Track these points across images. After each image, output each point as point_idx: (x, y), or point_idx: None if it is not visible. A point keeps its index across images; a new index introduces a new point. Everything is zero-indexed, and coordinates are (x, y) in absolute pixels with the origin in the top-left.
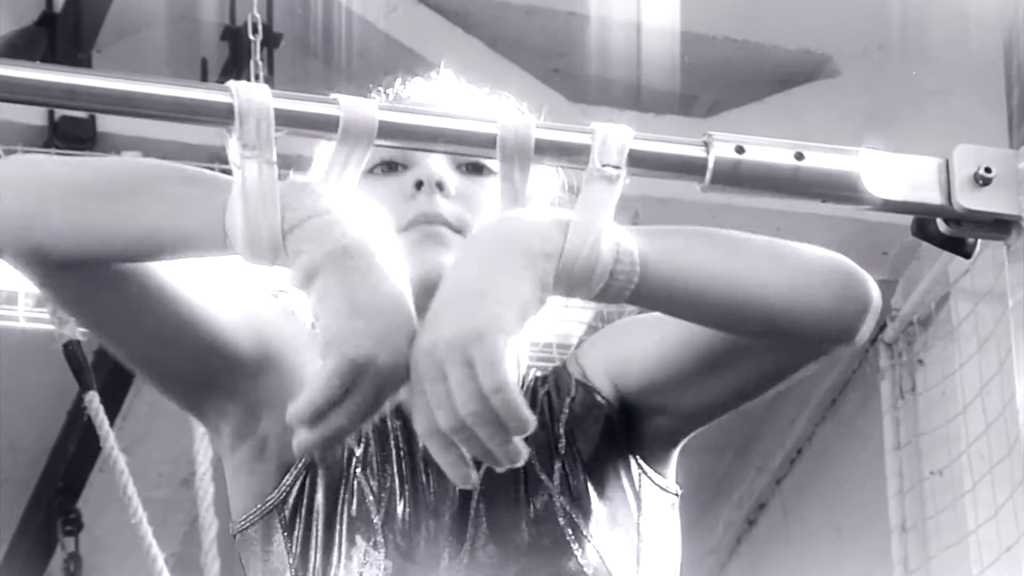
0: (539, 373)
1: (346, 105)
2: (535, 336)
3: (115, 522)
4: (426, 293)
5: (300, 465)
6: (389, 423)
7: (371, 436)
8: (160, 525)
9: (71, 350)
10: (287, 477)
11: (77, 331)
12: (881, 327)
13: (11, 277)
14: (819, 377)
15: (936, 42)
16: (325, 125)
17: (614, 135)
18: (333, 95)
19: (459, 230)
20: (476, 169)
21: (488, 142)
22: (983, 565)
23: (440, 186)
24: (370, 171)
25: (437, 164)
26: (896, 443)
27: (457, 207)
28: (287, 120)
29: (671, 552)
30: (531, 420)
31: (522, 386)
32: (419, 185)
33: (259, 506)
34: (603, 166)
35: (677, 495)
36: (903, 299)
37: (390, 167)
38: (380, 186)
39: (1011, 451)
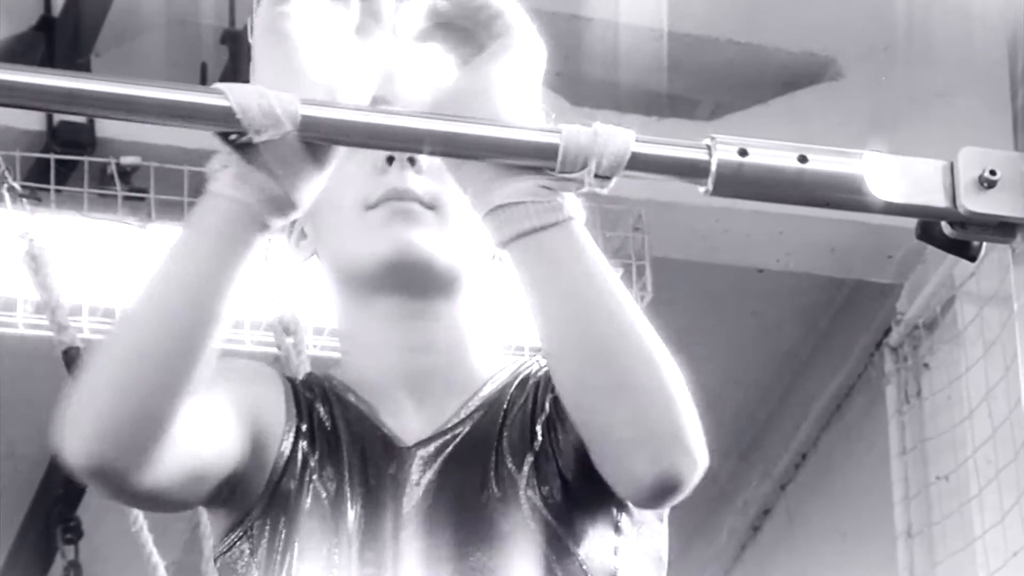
0: (537, 367)
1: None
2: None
3: (115, 530)
4: (397, 269)
5: (264, 491)
6: (341, 432)
7: (325, 445)
8: (161, 533)
9: (71, 356)
10: (255, 501)
11: (77, 338)
12: (886, 331)
13: (9, 283)
14: (824, 382)
15: (941, 44)
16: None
17: (615, 142)
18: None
19: (431, 206)
20: None
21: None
22: (990, 570)
23: (412, 161)
24: None
25: None
26: (902, 448)
27: (429, 182)
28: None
29: (655, 553)
30: None
31: (508, 374)
32: (390, 160)
33: (232, 534)
34: (596, 177)
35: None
36: (908, 303)
37: None
38: (350, 157)
39: (1017, 456)
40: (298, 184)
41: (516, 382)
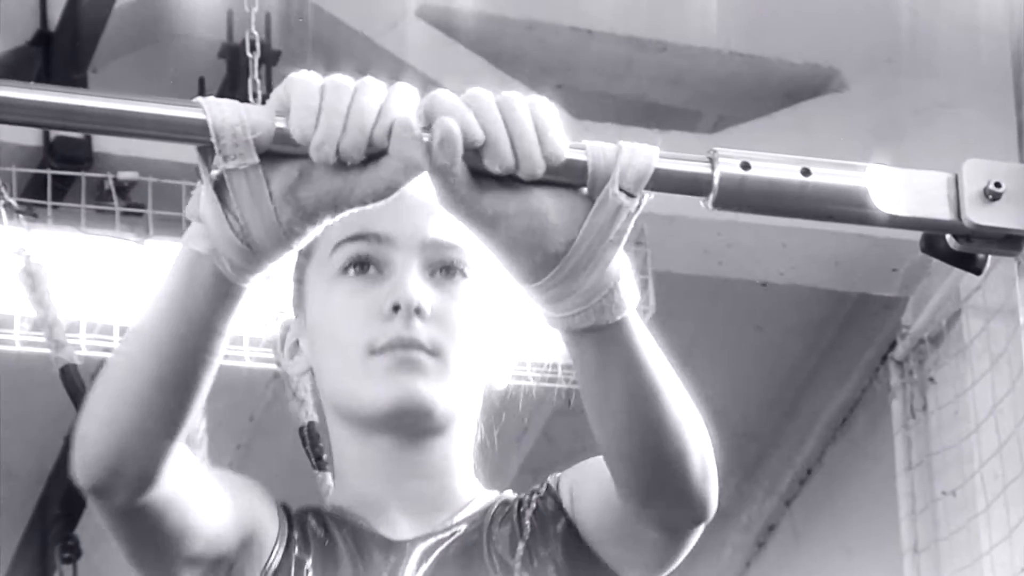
0: (515, 495)
1: None
2: (540, 356)
3: (114, 549)
4: (398, 417)
5: None
6: (336, 537)
7: (319, 548)
8: None
9: (68, 374)
10: None
11: (74, 355)
12: (891, 345)
13: (6, 300)
14: (829, 396)
15: (945, 55)
16: None
17: (639, 157)
18: None
19: (434, 353)
20: (449, 273)
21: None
22: None
23: (418, 311)
24: (343, 270)
25: (415, 283)
26: (908, 463)
27: (433, 330)
28: None
29: None
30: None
31: (492, 501)
32: (396, 308)
33: None
34: (619, 191)
35: None
36: (913, 316)
37: (362, 267)
38: (356, 294)
39: None
40: (268, 238)
41: (497, 503)
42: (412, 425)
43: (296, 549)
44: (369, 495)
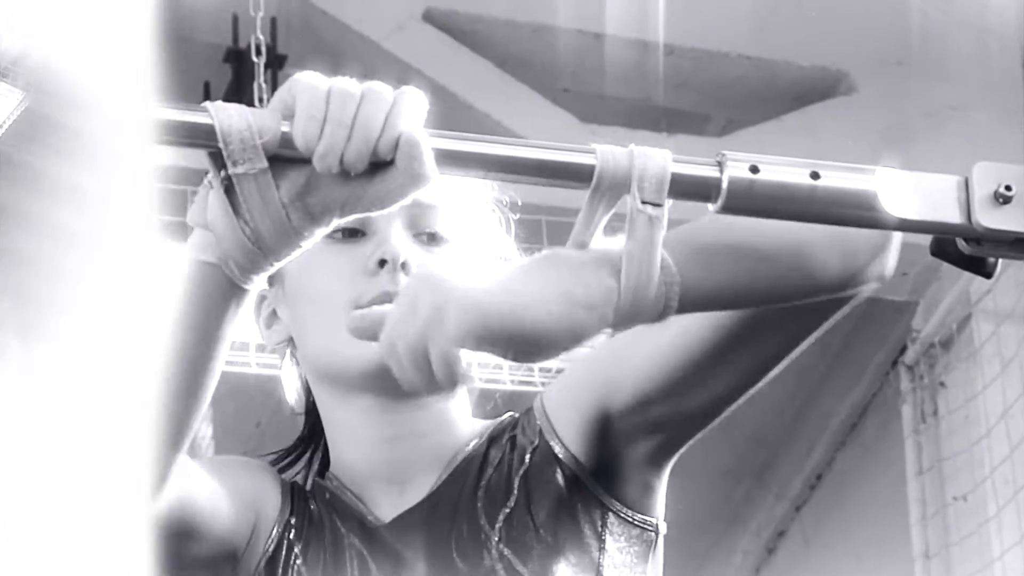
0: (511, 416)
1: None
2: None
3: None
4: (385, 373)
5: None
6: (326, 521)
7: (312, 533)
8: None
9: None
10: None
11: None
12: (902, 349)
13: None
14: (838, 401)
15: (955, 58)
16: None
17: (653, 163)
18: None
19: None
20: (433, 239)
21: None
22: None
23: (404, 266)
24: (329, 236)
25: (399, 240)
26: (918, 468)
27: None
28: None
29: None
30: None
31: (484, 437)
32: (382, 263)
33: None
34: (644, 203)
35: (656, 531)
36: (924, 321)
37: (350, 233)
38: (340, 254)
39: None
40: (279, 240)
41: (491, 439)
42: (398, 384)
43: (291, 534)
44: (357, 465)
